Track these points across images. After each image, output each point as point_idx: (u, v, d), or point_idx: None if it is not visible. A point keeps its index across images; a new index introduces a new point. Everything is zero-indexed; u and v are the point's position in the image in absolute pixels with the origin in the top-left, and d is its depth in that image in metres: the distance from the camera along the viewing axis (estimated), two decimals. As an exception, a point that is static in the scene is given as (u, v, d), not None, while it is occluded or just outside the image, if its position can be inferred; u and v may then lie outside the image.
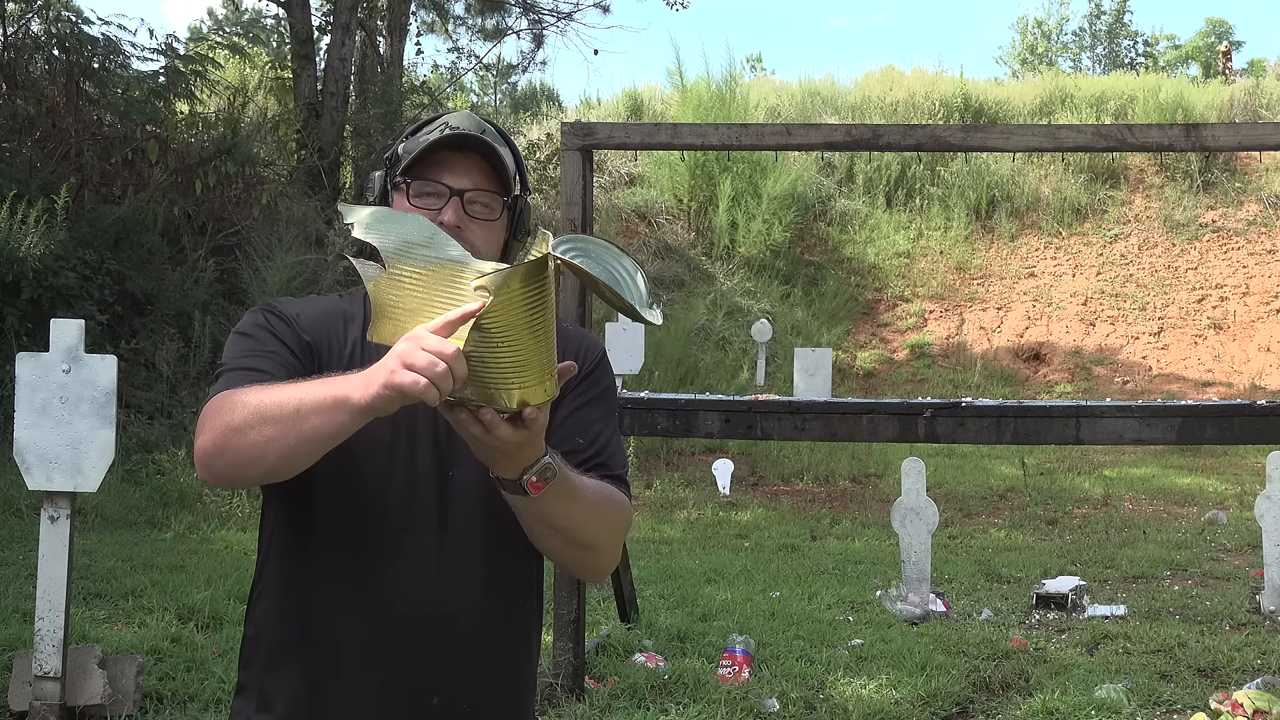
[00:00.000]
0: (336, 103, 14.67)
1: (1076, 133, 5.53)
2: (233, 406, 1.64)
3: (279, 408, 1.59)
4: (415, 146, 1.85)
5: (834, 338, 16.71)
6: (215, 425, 1.66)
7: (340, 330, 1.86)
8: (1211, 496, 11.07)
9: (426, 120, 1.91)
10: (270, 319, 1.84)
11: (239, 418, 1.62)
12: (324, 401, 1.55)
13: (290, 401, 1.58)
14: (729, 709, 4.90)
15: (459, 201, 1.83)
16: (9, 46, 12.66)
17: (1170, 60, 43.37)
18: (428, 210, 1.80)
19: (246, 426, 1.61)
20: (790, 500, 11.04)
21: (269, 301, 1.90)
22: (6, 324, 9.82)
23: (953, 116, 20.14)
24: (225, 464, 1.66)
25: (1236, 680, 5.42)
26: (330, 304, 1.91)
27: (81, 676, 4.58)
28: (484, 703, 1.83)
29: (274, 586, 1.84)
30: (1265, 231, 18.24)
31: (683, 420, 5.44)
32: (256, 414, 1.60)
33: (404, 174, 1.85)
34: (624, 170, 19.58)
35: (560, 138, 5.55)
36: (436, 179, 1.83)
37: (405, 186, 1.84)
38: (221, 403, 1.68)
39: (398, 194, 1.85)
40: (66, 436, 4.57)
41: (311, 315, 1.87)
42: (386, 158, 1.91)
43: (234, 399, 1.66)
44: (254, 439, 1.61)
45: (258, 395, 1.63)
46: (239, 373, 1.74)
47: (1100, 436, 5.18)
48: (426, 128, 1.88)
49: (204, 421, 1.69)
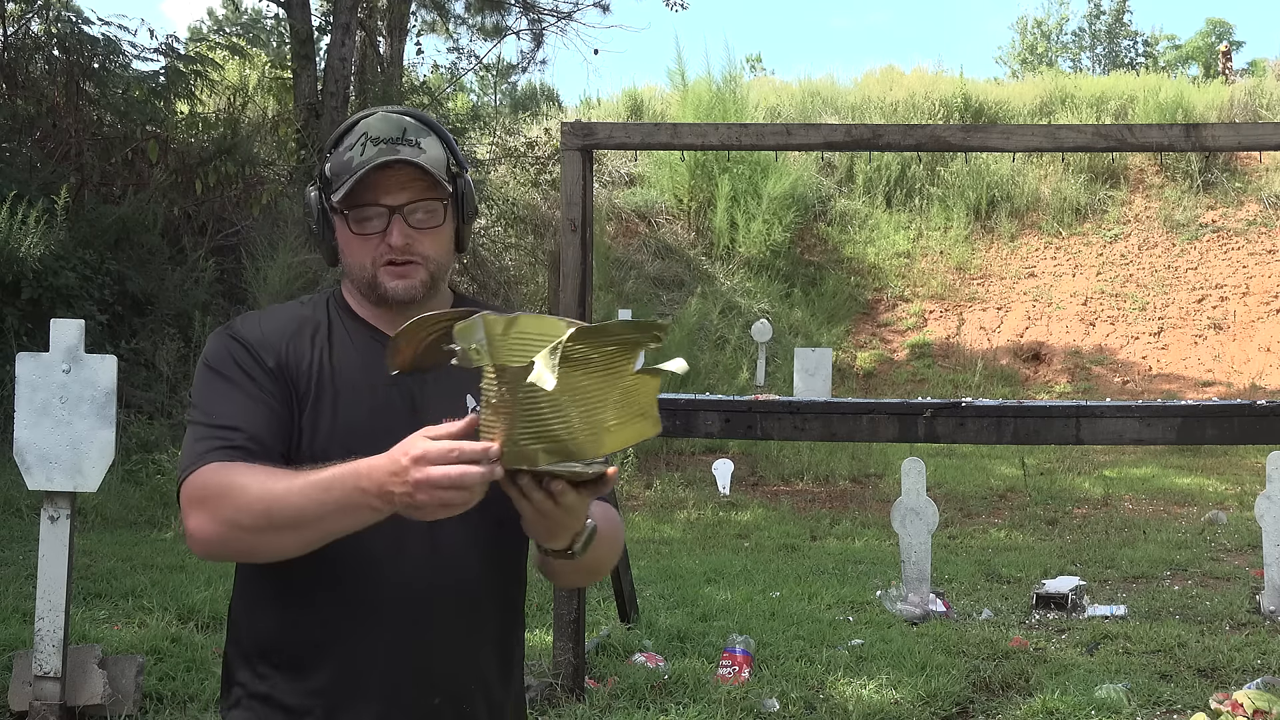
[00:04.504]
0: (336, 103, 14.67)
1: (1076, 133, 5.53)
2: (234, 499, 1.61)
3: (295, 515, 1.58)
4: (342, 170, 1.81)
5: (834, 338, 16.72)
6: (216, 516, 1.63)
7: (306, 342, 1.83)
8: (1211, 496, 11.07)
9: (345, 128, 1.86)
10: (235, 348, 1.79)
11: (247, 519, 1.60)
12: (347, 504, 1.54)
13: (309, 509, 1.57)
14: (729, 709, 4.90)
15: (400, 218, 1.80)
16: (9, 46, 12.66)
17: (1170, 60, 43.37)
18: (371, 235, 1.80)
19: (257, 529, 1.60)
20: (790, 500, 11.03)
21: (231, 325, 1.86)
22: (6, 324, 9.82)
23: (953, 116, 20.14)
24: (231, 554, 1.68)
25: (1236, 680, 5.42)
26: (292, 312, 1.89)
27: (81, 676, 4.58)
28: (481, 697, 1.84)
29: (268, 593, 1.80)
30: (1265, 231, 18.24)
31: (683, 420, 5.44)
32: (267, 518, 1.59)
33: (341, 203, 1.81)
34: (624, 170, 19.58)
35: (560, 138, 5.55)
36: (372, 201, 1.80)
37: (345, 217, 1.82)
38: (216, 487, 1.64)
39: (339, 223, 1.84)
40: (66, 436, 4.57)
41: (274, 330, 1.83)
42: (316, 175, 1.87)
43: (232, 487, 1.62)
44: (269, 542, 1.62)
45: (262, 490, 1.59)
46: (219, 438, 1.69)
47: (1100, 436, 5.18)
48: (346, 139, 1.83)
49: (195, 502, 1.65)
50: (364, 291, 1.85)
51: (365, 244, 1.82)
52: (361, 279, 1.84)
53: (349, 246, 1.84)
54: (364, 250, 1.82)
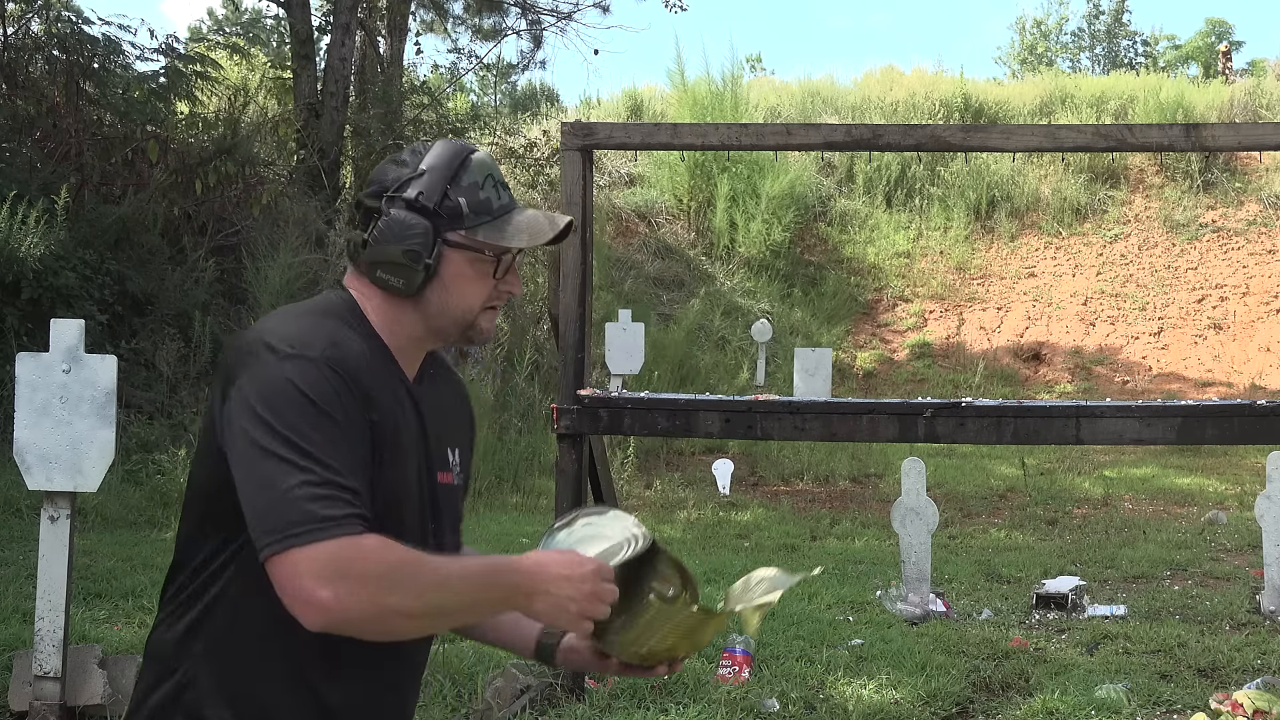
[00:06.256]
0: (336, 103, 14.67)
1: (1076, 133, 5.53)
2: (402, 585, 1.56)
3: (458, 607, 1.65)
4: (481, 208, 1.78)
5: (834, 338, 16.72)
6: (376, 599, 1.55)
7: (374, 382, 1.71)
8: (1211, 496, 11.06)
9: (459, 162, 1.80)
10: (338, 383, 1.65)
11: (415, 605, 1.58)
12: (501, 601, 1.66)
13: (470, 602, 1.65)
14: (729, 709, 4.90)
15: (514, 264, 1.88)
16: (9, 46, 12.65)
17: (1170, 60, 43.37)
18: (488, 278, 1.83)
19: (421, 615, 1.60)
20: (790, 500, 11.03)
21: (328, 356, 1.66)
22: (6, 324, 9.82)
23: (953, 116, 20.14)
24: (367, 632, 1.59)
25: (1236, 680, 5.42)
26: (358, 346, 1.73)
27: (81, 676, 4.58)
28: None
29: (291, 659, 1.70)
30: (1265, 231, 18.23)
31: (683, 420, 5.43)
32: (437, 608, 1.61)
33: (491, 243, 1.80)
34: (624, 170, 19.58)
35: (560, 138, 5.55)
36: (511, 248, 1.83)
37: (474, 255, 1.80)
38: (378, 568, 1.55)
39: (456, 258, 1.79)
40: (66, 436, 4.57)
41: (357, 364, 1.69)
42: (436, 208, 1.77)
43: (397, 571, 1.56)
44: (418, 627, 1.65)
45: (433, 580, 1.59)
46: (346, 502, 1.57)
47: (1100, 436, 5.18)
48: (466, 175, 1.79)
49: (338, 577, 1.52)
50: (444, 329, 1.81)
51: (483, 285, 1.81)
52: (459, 318, 1.81)
53: (461, 284, 1.79)
54: (478, 291, 1.81)
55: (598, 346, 12.75)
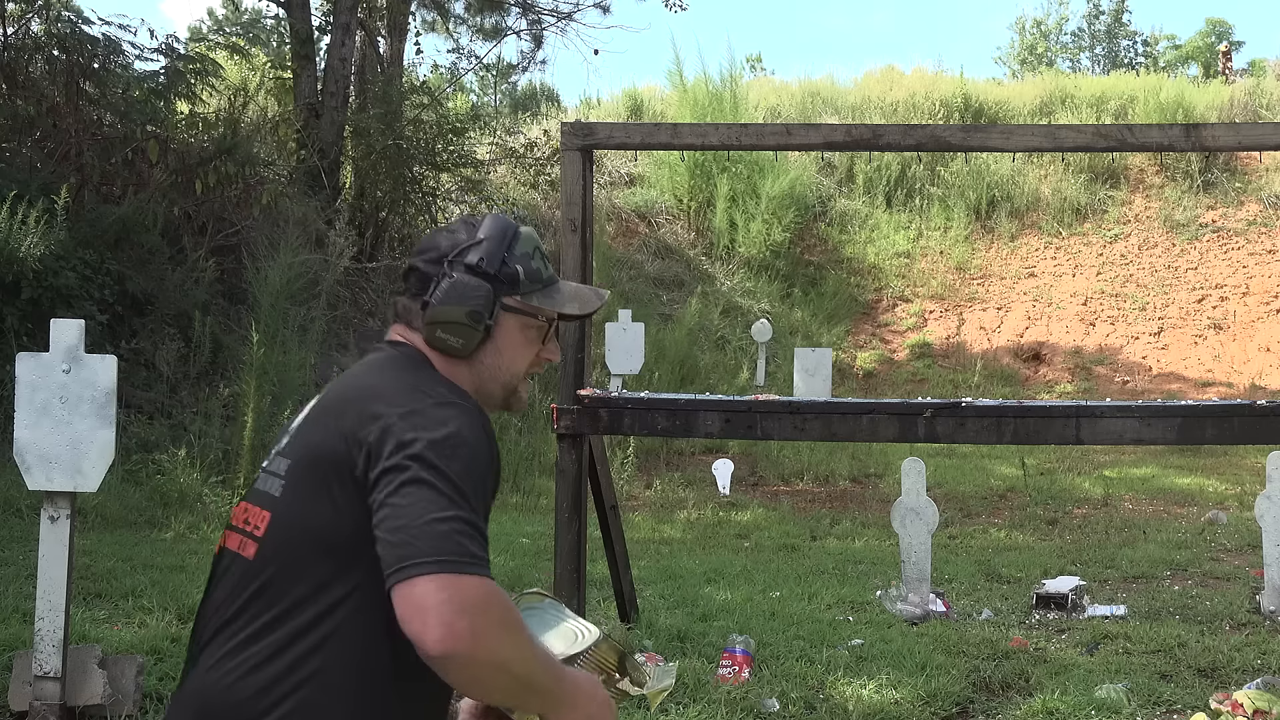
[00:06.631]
0: (336, 103, 14.67)
1: (1076, 133, 5.53)
2: (521, 644, 1.62)
3: (538, 686, 1.66)
4: (533, 276, 1.89)
5: (834, 338, 16.72)
6: (498, 648, 1.58)
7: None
8: (1211, 496, 11.06)
9: (513, 233, 1.90)
10: (492, 458, 1.74)
11: (519, 668, 1.62)
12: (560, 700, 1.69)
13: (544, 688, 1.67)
14: (729, 709, 4.90)
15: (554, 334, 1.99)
16: (9, 46, 12.65)
17: (1170, 60, 43.39)
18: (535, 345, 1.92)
19: (515, 677, 1.62)
20: (790, 500, 11.03)
21: (486, 422, 1.78)
22: (6, 324, 9.81)
23: (953, 116, 20.15)
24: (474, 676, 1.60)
25: (1236, 680, 5.42)
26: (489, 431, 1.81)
27: (81, 676, 4.58)
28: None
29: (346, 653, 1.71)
30: (1265, 231, 18.24)
31: (683, 420, 5.43)
32: (529, 678, 1.63)
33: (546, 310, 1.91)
34: (624, 170, 19.59)
35: (560, 138, 5.55)
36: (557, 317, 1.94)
37: (547, 328, 1.92)
38: (515, 622, 1.62)
39: (512, 323, 1.89)
40: (66, 436, 4.57)
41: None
42: (496, 273, 1.86)
43: (522, 632, 1.63)
44: (501, 690, 1.64)
45: (538, 654, 1.67)
46: (483, 551, 1.63)
47: (1100, 436, 5.18)
48: (520, 245, 1.89)
49: (480, 612, 1.56)
50: (491, 393, 1.90)
51: (530, 350, 1.92)
52: (506, 381, 1.91)
53: (512, 348, 1.90)
54: (525, 355, 1.92)
55: (598, 346, 12.76)
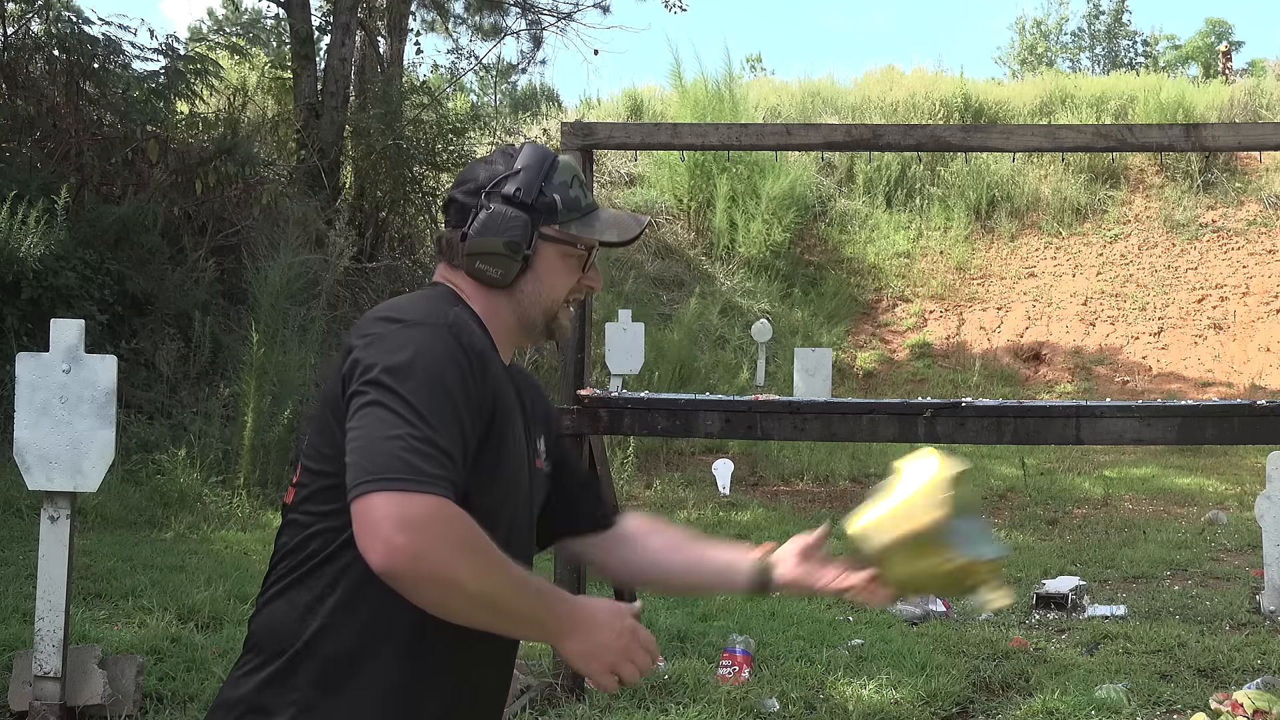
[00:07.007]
0: (336, 103, 14.66)
1: (1076, 133, 5.53)
2: (477, 560, 1.57)
3: (507, 608, 1.61)
4: (572, 205, 1.87)
5: (834, 338, 16.72)
6: (449, 563, 1.55)
7: (493, 376, 1.76)
8: (1211, 496, 11.06)
9: (550, 163, 1.89)
10: (463, 361, 1.69)
11: (473, 586, 1.56)
12: (543, 625, 1.67)
13: (519, 611, 1.63)
14: (729, 709, 4.90)
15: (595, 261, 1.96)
16: (9, 46, 12.65)
17: (1170, 60, 43.39)
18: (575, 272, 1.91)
19: (475, 597, 1.58)
20: (790, 500, 11.03)
21: (450, 323, 1.73)
22: (6, 324, 9.81)
23: (953, 116, 20.14)
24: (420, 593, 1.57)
25: (1236, 680, 5.42)
26: (476, 325, 1.82)
27: (81, 676, 4.58)
28: None
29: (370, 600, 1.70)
30: (1265, 231, 18.24)
31: (683, 420, 5.43)
32: (493, 599, 1.59)
33: (584, 238, 1.89)
34: (624, 170, 19.59)
35: (560, 138, 5.55)
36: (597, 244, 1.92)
37: (586, 257, 1.91)
38: (465, 535, 1.57)
39: (550, 251, 1.88)
40: (66, 436, 4.57)
41: (481, 351, 1.75)
42: (533, 203, 1.85)
43: (479, 546, 1.58)
44: (463, 611, 1.60)
45: (503, 573, 1.60)
46: (443, 466, 1.59)
47: (1100, 436, 5.18)
48: (557, 175, 1.88)
49: (423, 528, 1.53)
50: (533, 321, 1.91)
51: (570, 278, 1.91)
52: (547, 308, 1.91)
53: (552, 276, 1.89)
54: (565, 283, 1.91)
55: (598, 346, 12.75)
